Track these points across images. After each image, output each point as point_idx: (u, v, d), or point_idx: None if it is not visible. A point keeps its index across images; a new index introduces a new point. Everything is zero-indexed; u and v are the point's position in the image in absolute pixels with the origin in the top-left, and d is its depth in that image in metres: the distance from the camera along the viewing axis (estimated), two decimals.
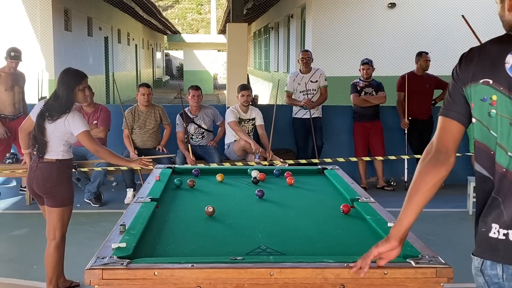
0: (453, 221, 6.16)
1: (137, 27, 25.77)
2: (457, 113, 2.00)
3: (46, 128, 3.91)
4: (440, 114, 2.05)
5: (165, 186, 3.89)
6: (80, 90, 3.97)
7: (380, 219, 3.04)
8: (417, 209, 2.07)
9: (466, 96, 1.97)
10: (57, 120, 3.89)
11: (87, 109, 6.89)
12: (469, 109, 1.98)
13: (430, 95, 7.71)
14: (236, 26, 8.38)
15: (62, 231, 4.00)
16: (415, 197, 2.05)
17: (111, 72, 19.03)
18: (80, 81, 3.97)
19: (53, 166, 3.93)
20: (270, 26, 20.68)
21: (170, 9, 50.60)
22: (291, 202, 3.69)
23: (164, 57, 42.10)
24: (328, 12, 12.30)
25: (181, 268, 2.29)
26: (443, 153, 2.01)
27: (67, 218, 4.02)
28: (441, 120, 2.04)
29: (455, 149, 2.03)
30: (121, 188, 7.32)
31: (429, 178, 2.01)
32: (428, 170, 2.01)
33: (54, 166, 3.94)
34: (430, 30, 11.61)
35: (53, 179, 3.93)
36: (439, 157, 2.00)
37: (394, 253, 2.15)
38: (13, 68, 6.82)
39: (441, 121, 2.04)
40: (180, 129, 7.14)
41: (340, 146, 8.04)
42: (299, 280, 2.29)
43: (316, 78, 7.62)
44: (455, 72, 2.02)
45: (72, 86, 3.93)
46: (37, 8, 11.00)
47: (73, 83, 3.93)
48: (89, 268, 2.27)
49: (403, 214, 2.10)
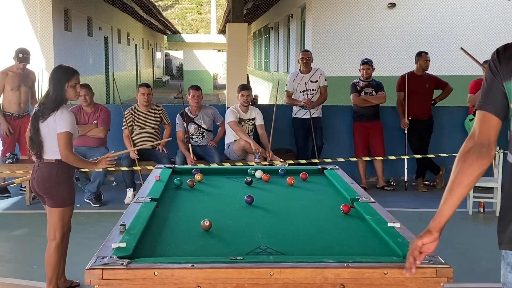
0: (453, 221, 6.10)
1: (137, 27, 25.77)
2: (495, 107, 2.06)
3: (40, 128, 3.89)
4: (477, 108, 2.11)
5: (165, 186, 3.89)
6: (71, 87, 3.91)
7: (380, 219, 3.04)
8: (459, 202, 2.11)
9: (506, 91, 2.03)
10: (47, 119, 3.87)
11: (87, 109, 6.90)
12: (506, 104, 2.05)
13: (430, 95, 7.71)
14: (236, 26, 8.38)
15: (62, 231, 3.97)
16: (458, 189, 2.08)
17: (111, 72, 19.04)
18: (70, 77, 3.91)
19: (52, 167, 3.91)
20: (270, 26, 20.69)
21: (170, 9, 50.61)
22: (291, 202, 3.69)
23: (164, 57, 42.11)
24: (328, 12, 12.30)
25: (181, 268, 2.29)
26: (486, 146, 2.06)
27: (67, 218, 4.00)
28: (480, 114, 2.10)
29: (496, 142, 2.09)
30: (121, 188, 7.33)
31: (472, 171, 2.05)
32: (471, 162, 2.05)
33: (54, 167, 3.91)
34: (430, 30, 11.61)
35: (52, 179, 3.91)
36: (482, 150, 2.05)
37: (434, 245, 2.16)
38: (20, 69, 6.89)
39: (480, 115, 2.10)
40: (180, 128, 7.14)
41: (340, 146, 8.04)
42: (299, 280, 2.29)
43: (316, 78, 7.62)
44: (495, 67, 2.06)
45: (62, 82, 3.89)
46: (37, 8, 11.00)
47: (62, 80, 3.89)
48: (89, 268, 2.28)
49: (444, 206, 2.12)
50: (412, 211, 6.53)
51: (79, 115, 6.89)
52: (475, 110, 2.12)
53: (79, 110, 6.91)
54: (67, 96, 3.94)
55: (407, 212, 6.39)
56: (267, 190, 4.05)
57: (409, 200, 7.15)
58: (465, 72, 9.96)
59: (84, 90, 6.83)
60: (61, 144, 3.85)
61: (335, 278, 2.29)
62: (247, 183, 4.09)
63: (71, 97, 3.98)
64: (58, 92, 3.88)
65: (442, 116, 7.97)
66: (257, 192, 3.97)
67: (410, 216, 6.19)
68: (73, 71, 3.97)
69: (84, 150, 6.82)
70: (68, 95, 3.93)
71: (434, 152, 7.47)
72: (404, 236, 2.71)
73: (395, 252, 2.56)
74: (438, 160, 7.67)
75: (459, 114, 7.92)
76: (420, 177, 7.72)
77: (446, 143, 7.96)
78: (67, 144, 3.85)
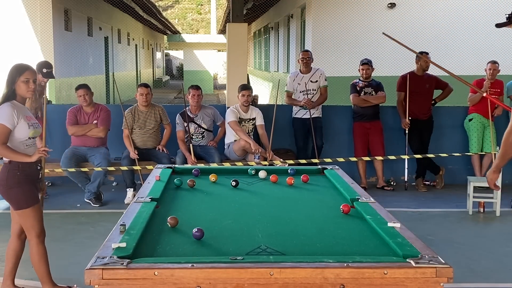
0: (453, 221, 6.15)
1: (137, 27, 25.78)
2: None
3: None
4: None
5: (165, 186, 3.89)
6: (22, 82, 3.79)
7: (380, 219, 3.04)
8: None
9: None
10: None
11: (87, 109, 6.90)
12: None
13: (430, 95, 7.71)
14: (236, 26, 8.38)
15: (34, 231, 3.84)
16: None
17: (111, 72, 19.05)
18: (21, 72, 3.81)
19: (3, 169, 3.80)
20: (270, 26, 20.69)
21: (170, 9, 50.62)
22: (291, 202, 3.69)
23: (164, 57, 42.12)
24: (328, 12, 12.31)
25: (181, 268, 2.29)
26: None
27: (33, 219, 3.82)
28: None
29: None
30: (121, 188, 7.33)
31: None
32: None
33: (5, 168, 3.79)
34: (430, 30, 11.61)
35: (2, 182, 3.79)
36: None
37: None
38: (44, 82, 6.65)
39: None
40: (180, 128, 7.14)
41: (340, 146, 8.04)
42: (299, 280, 2.29)
43: (316, 78, 7.62)
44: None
45: (14, 78, 3.80)
46: (37, 8, 10.99)
47: (14, 75, 3.81)
48: (89, 268, 2.28)
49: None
50: (412, 211, 6.53)
51: (79, 115, 6.90)
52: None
53: (79, 110, 6.92)
54: (18, 91, 3.82)
55: (407, 212, 6.38)
56: (267, 190, 4.05)
57: (409, 200, 7.15)
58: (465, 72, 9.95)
59: (83, 90, 6.84)
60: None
61: (335, 278, 2.29)
62: (233, 185, 4.00)
63: (23, 93, 3.83)
64: (10, 88, 3.81)
65: (442, 116, 7.97)
66: (257, 192, 3.98)
67: (410, 216, 6.19)
68: (26, 67, 3.87)
69: (84, 150, 6.83)
70: (19, 89, 3.81)
71: (434, 152, 7.48)
72: (404, 236, 2.71)
73: (395, 252, 2.56)
74: (438, 160, 7.67)
75: (459, 114, 7.92)
76: (420, 177, 7.72)
77: (446, 143, 7.97)
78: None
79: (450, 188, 7.54)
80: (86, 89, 6.86)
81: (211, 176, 4.25)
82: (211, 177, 4.24)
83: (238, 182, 4.03)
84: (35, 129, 3.91)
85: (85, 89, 6.85)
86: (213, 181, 4.21)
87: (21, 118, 3.78)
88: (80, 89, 6.86)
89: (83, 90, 6.84)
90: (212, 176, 4.25)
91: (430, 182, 7.83)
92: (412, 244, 2.58)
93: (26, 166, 3.80)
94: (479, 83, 7.42)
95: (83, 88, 6.86)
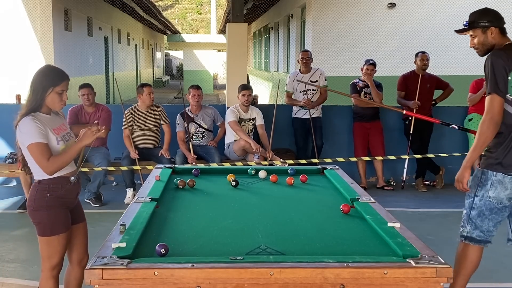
0: (453, 221, 6.14)
1: (137, 27, 25.78)
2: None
3: (18, 139, 3.24)
4: None
5: (165, 186, 3.89)
6: (56, 93, 3.21)
7: (380, 219, 3.04)
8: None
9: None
10: (16, 131, 3.21)
11: (89, 109, 6.90)
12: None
13: (430, 95, 7.70)
14: (236, 26, 8.38)
15: (48, 264, 3.31)
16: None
17: (111, 72, 19.05)
18: (58, 82, 3.21)
19: (33, 188, 3.27)
20: (270, 26, 20.69)
21: (170, 9, 50.62)
22: (291, 202, 3.68)
23: (164, 57, 42.12)
24: (328, 12, 12.31)
25: (181, 268, 2.29)
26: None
27: (53, 250, 3.27)
28: None
29: None
30: (121, 188, 7.33)
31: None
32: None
33: (34, 189, 3.26)
34: (430, 30, 11.60)
35: (31, 203, 3.26)
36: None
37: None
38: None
39: None
40: (180, 128, 7.14)
41: (340, 146, 8.04)
42: (299, 280, 2.29)
43: (316, 78, 7.62)
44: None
45: (46, 86, 3.19)
46: (37, 8, 10.99)
47: (47, 83, 3.20)
48: (89, 268, 2.28)
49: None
50: (412, 211, 6.53)
51: (80, 114, 6.90)
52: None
53: (80, 110, 6.92)
54: (48, 101, 3.21)
55: (407, 212, 6.39)
56: (267, 190, 4.05)
57: (409, 200, 7.15)
58: (465, 72, 9.97)
59: (87, 89, 6.85)
60: (35, 158, 3.15)
61: (335, 278, 2.29)
62: (233, 186, 3.98)
63: (54, 105, 3.24)
64: (37, 96, 3.19)
65: (442, 116, 7.94)
66: (257, 192, 3.97)
67: (410, 216, 6.20)
68: (64, 75, 3.26)
69: (84, 151, 6.82)
70: (50, 100, 3.21)
71: (434, 152, 7.47)
72: (404, 236, 2.71)
73: (395, 252, 2.56)
74: (438, 160, 7.67)
75: (459, 114, 7.91)
76: (420, 177, 7.72)
77: (446, 143, 7.96)
78: (40, 155, 3.13)
79: (450, 188, 7.53)
80: (89, 89, 6.87)
81: (229, 176, 4.15)
82: (229, 177, 4.13)
83: (238, 182, 4.03)
84: (66, 141, 3.31)
85: (89, 88, 6.86)
86: (231, 181, 4.05)
87: (49, 132, 3.20)
88: (83, 88, 6.86)
89: (87, 89, 6.84)
90: (230, 176, 4.15)
91: (430, 182, 7.83)
92: (412, 244, 2.58)
93: (58, 187, 3.25)
94: (479, 83, 7.42)
95: (87, 87, 6.87)
